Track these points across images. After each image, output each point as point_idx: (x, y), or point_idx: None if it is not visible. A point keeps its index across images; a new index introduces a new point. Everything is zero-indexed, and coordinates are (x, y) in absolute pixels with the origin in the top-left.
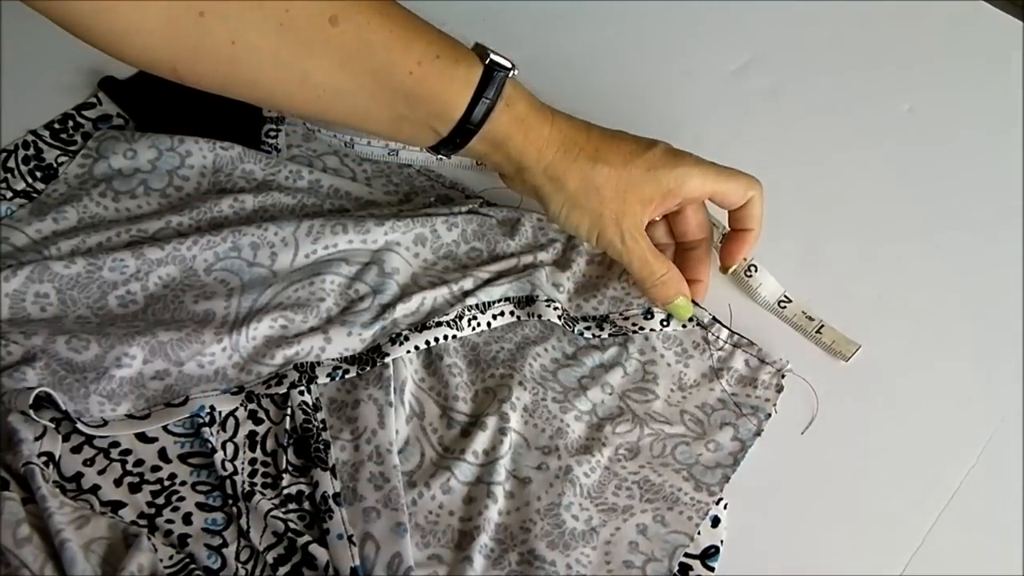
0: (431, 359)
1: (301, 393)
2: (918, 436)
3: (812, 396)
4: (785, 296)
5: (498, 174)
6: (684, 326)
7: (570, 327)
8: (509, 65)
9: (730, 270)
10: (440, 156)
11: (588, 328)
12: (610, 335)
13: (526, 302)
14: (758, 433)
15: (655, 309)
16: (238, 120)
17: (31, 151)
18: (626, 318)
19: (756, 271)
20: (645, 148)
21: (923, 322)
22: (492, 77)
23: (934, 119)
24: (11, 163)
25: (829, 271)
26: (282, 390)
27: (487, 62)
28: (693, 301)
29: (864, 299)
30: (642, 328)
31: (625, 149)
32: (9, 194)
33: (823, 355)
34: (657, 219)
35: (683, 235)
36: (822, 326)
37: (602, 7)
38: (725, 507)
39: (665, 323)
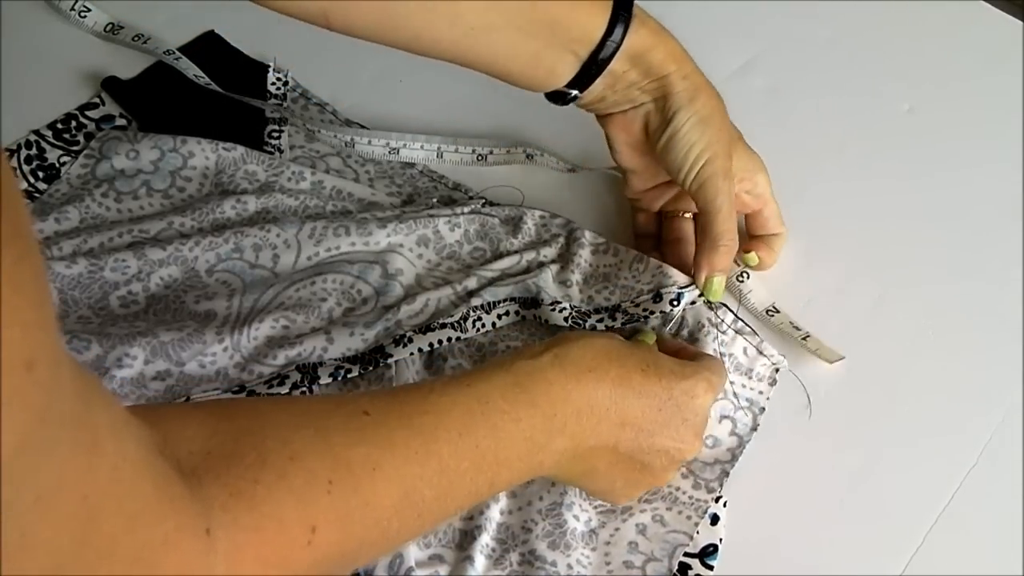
0: (434, 360)
1: (303, 394)
2: (918, 436)
3: (814, 395)
4: (773, 306)
5: (596, 116)
6: (692, 303)
7: (579, 326)
8: None
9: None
10: (574, 93)
11: (600, 320)
12: (623, 324)
13: (531, 304)
14: (754, 428)
15: (663, 291)
16: (241, 121)
17: (34, 151)
18: (636, 304)
19: (748, 277)
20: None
21: (923, 322)
22: None
23: (934, 119)
24: (13, 163)
25: (829, 271)
26: (284, 390)
27: None
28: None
29: (864, 299)
30: (652, 312)
31: None
32: None
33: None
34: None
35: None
36: (808, 336)
37: None
38: (724, 505)
39: (675, 303)
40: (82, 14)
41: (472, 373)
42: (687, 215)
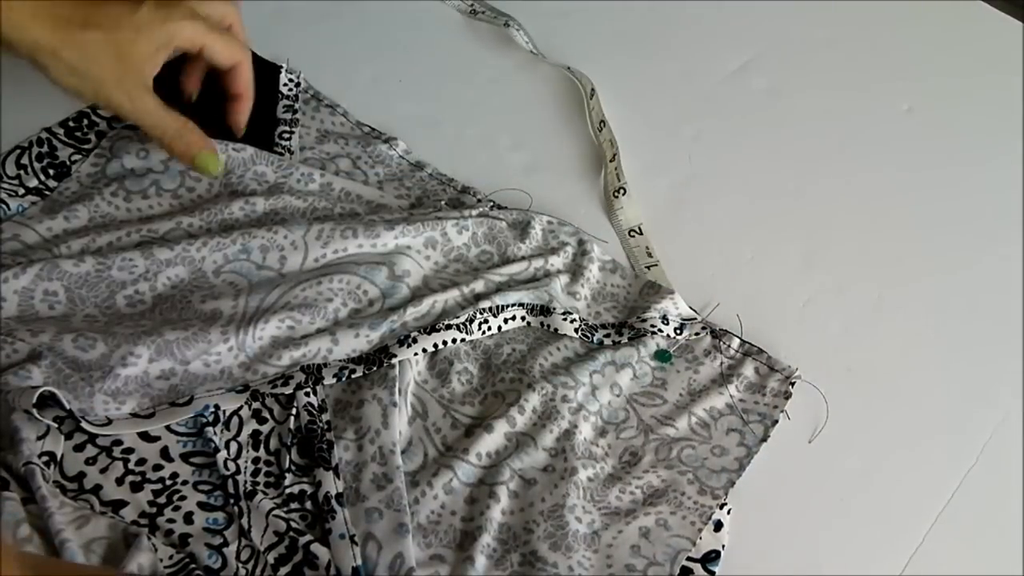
0: (438, 362)
1: (307, 395)
2: (918, 436)
3: (816, 400)
4: (639, 228)
5: None
6: (696, 334)
7: (587, 338)
8: None
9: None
10: None
11: (608, 335)
12: (629, 339)
13: (541, 311)
14: (764, 439)
15: (669, 316)
16: (252, 122)
17: (45, 148)
18: (643, 320)
19: (624, 194)
20: (133, 10)
21: (923, 322)
22: None
23: (934, 119)
24: (24, 160)
25: (829, 271)
26: (288, 391)
27: None
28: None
29: (864, 299)
30: (661, 331)
31: (114, 13)
32: (22, 191)
33: (824, 357)
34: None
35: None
36: (656, 264)
37: (602, 7)
38: (729, 512)
39: (679, 331)
40: None
41: None
42: None
